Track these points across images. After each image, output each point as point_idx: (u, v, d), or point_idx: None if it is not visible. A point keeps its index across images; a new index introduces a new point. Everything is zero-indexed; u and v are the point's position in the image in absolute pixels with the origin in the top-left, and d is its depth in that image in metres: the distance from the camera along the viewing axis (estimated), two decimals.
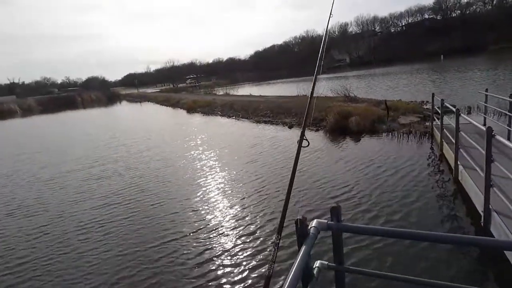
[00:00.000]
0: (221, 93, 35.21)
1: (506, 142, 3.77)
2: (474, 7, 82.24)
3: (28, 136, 21.03)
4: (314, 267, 1.44)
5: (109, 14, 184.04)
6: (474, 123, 4.83)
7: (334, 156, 8.33)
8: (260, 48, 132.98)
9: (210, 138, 12.63)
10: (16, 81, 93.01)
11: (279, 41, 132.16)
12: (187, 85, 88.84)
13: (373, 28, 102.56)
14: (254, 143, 10.84)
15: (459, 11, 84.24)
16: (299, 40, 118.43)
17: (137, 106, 42.41)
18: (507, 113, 6.81)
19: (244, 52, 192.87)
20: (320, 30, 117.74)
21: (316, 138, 10.52)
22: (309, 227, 1.43)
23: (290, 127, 12.87)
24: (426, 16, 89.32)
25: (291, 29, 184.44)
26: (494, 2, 77.54)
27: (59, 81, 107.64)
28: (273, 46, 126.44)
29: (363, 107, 12.07)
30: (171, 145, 12.35)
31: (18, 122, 35.90)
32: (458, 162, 5.71)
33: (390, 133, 9.83)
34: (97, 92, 68.61)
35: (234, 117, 17.51)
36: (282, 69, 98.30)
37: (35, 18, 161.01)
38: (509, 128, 6.72)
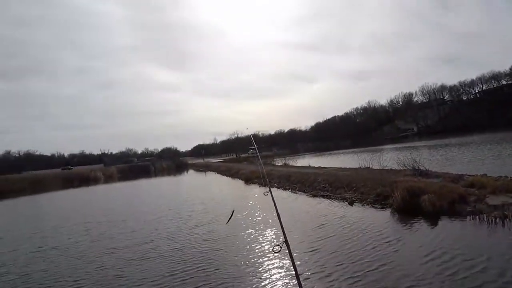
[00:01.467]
0: (280, 163, 35.36)
1: None
2: None
3: (88, 204, 23.09)
4: None
5: (186, 91, 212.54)
6: None
7: (409, 245, 6.84)
8: (321, 119, 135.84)
9: (265, 214, 12.04)
10: (105, 151, 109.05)
11: (340, 112, 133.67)
12: (249, 155, 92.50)
13: (441, 97, 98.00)
14: (311, 222, 9.88)
15: None
16: (361, 111, 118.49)
17: (201, 175, 44.85)
18: None
19: (305, 123, 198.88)
20: (382, 100, 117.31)
21: (381, 219, 9.18)
22: None
23: (350, 204, 11.66)
24: (504, 82, 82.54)
25: (352, 100, 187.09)
26: None
27: (139, 151, 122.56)
28: (334, 117, 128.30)
29: (438, 184, 10.46)
30: (222, 222, 12.06)
31: (98, 188, 40.39)
32: None
33: (477, 216, 8.05)
34: (167, 162, 75.59)
35: (290, 190, 16.87)
36: (343, 140, 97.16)
37: (129, 99, 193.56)
38: None
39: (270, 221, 10.59)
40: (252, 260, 7.04)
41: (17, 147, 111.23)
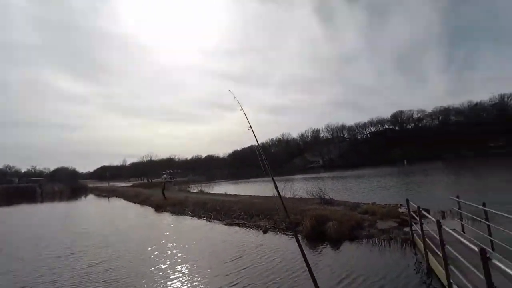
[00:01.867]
0: (195, 190, 34.29)
1: (503, 267, 3.32)
2: (424, 121, 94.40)
3: None
4: None
5: (96, 106, 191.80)
6: (463, 240, 4.45)
7: (319, 269, 7.30)
8: (239, 148, 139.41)
9: (177, 247, 11.24)
10: None
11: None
12: (162, 180, 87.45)
13: (342, 135, 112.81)
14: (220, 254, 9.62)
15: (412, 124, 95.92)
16: (276, 142, 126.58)
17: (104, 201, 39.87)
18: (485, 222, 6.60)
19: (223, 150, 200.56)
20: (294, 134, 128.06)
21: (293, 245, 9.56)
22: None
23: (265, 232, 11.90)
24: (386, 127, 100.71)
25: (270, 131, 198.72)
26: (440, 118, 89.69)
27: (23, 170, 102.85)
28: (251, 146, 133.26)
29: (341, 212, 11.63)
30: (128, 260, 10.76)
31: None
32: (451, 280, 5.15)
33: (371, 240, 9.17)
34: (61, 184, 65.02)
35: (205, 218, 16.33)
36: (259, 169, 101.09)
37: (19, 105, 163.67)
38: (491, 238, 6.42)
39: (182, 254, 9.91)
40: None
41: None
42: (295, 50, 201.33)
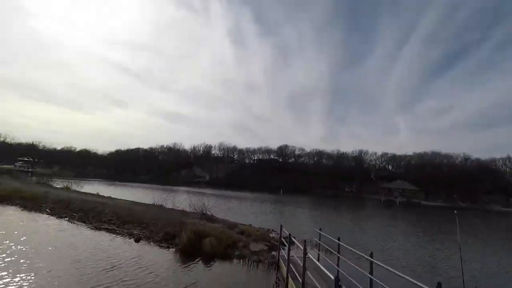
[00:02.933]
0: (59, 186, 29.23)
1: None
2: (303, 158, 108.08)
3: None
4: None
5: None
6: (322, 268, 5.29)
7: (180, 284, 7.27)
8: (123, 148, 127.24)
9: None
10: None
11: (146, 145, 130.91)
12: (15, 168, 71.74)
13: (232, 156, 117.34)
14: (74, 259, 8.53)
15: (293, 159, 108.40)
16: (165, 149, 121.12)
17: None
18: (336, 253, 8.05)
19: (103, 147, 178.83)
20: (187, 145, 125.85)
21: (165, 259, 9.27)
22: None
23: (137, 241, 11.12)
24: (272, 157, 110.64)
25: (160, 137, 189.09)
26: (315, 159, 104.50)
27: None
28: (137, 149, 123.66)
29: (219, 229, 12.00)
30: None
31: None
32: None
33: (241, 260, 9.75)
34: None
35: (67, 218, 14.08)
36: (143, 174, 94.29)
37: None
38: (338, 268, 7.77)
39: (34, 260, 8.30)
40: None
41: None
42: (203, 64, 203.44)
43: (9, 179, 31.23)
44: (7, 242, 9.48)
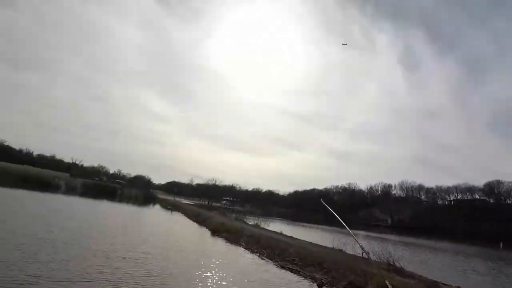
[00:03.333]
0: (251, 222, 33.92)
1: None
2: None
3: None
4: None
5: (176, 127, 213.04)
6: None
7: None
8: (300, 189, 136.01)
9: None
10: (76, 161, 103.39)
11: (320, 186, 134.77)
12: (221, 206, 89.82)
13: (418, 196, 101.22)
14: None
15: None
16: (340, 190, 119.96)
17: (167, 213, 42.32)
18: None
19: (284, 189, 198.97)
20: (362, 185, 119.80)
21: None
22: None
23: (319, 286, 10.73)
24: (477, 197, 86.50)
25: (334, 177, 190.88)
26: None
27: (111, 171, 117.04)
28: (313, 190, 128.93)
29: (414, 286, 9.85)
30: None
31: (55, 197, 37.25)
32: None
33: None
34: (136, 191, 71.78)
35: (257, 254, 15.70)
36: (318, 214, 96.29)
37: (117, 117, 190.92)
38: None
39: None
40: None
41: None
42: (371, 97, 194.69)
43: (217, 215, 39.23)
44: (220, 267, 11.35)
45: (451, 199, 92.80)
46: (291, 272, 12.53)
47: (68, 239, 12.42)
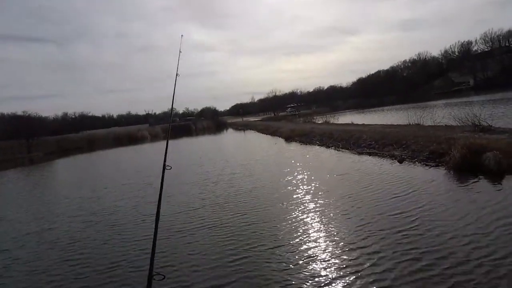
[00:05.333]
0: (320, 121, 34.49)
1: None
2: None
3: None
4: None
5: (223, 51, 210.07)
6: None
7: (466, 206, 6.42)
8: (364, 75, 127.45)
9: (307, 172, 12.02)
10: (150, 112, 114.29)
11: (386, 66, 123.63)
12: (287, 114, 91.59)
13: (507, 44, 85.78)
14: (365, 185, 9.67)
15: None
16: (409, 64, 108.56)
17: (240, 133, 45.58)
18: None
19: (346, 79, 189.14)
20: (435, 52, 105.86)
21: (437, 177, 8.66)
22: None
23: (400, 162, 11.13)
24: None
25: (399, 53, 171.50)
26: None
27: (181, 111, 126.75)
28: (378, 72, 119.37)
29: (505, 140, 9.48)
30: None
31: (146, 146, 43.18)
32: None
33: None
34: (207, 121, 77.66)
35: (333, 147, 16.52)
36: (388, 96, 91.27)
37: (167, 61, 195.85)
38: None
39: (316, 181, 10.53)
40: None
41: (72, 109, 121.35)
42: None
43: (285, 123, 40.66)
44: (301, 164, 12.56)
45: None
46: (369, 155, 13.08)
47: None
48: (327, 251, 5.07)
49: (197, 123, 76.70)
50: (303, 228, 6.24)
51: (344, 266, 4.48)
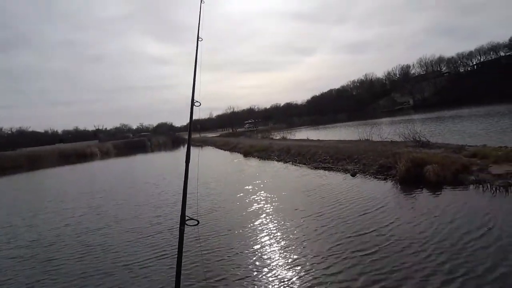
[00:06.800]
0: (278, 137, 35.33)
1: None
2: None
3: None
4: None
5: (180, 65, 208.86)
6: None
7: (412, 214, 6.95)
8: (317, 93, 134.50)
9: (264, 185, 12.12)
10: (100, 127, 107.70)
11: (337, 85, 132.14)
12: (245, 130, 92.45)
13: (438, 69, 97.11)
14: (319, 197, 9.97)
15: None
16: (357, 84, 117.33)
17: (198, 150, 44.76)
18: None
19: (301, 96, 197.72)
20: (379, 73, 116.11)
21: (385, 190, 9.28)
22: None
23: (353, 175, 11.75)
24: (502, 54, 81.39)
25: (349, 73, 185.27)
26: None
27: (134, 127, 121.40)
28: (330, 91, 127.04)
29: (441, 155, 10.53)
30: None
31: (95, 164, 40.28)
32: None
33: (481, 185, 8.15)
34: (163, 137, 75.19)
35: (291, 162, 16.94)
36: (340, 113, 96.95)
37: (121, 73, 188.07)
38: None
39: (275, 194, 10.64)
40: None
41: (8, 124, 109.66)
42: None
43: (244, 139, 40.94)
44: (259, 181, 12.61)
45: (474, 63, 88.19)
46: (324, 169, 13.63)
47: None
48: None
49: (152, 139, 73.79)
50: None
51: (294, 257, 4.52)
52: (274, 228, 7.05)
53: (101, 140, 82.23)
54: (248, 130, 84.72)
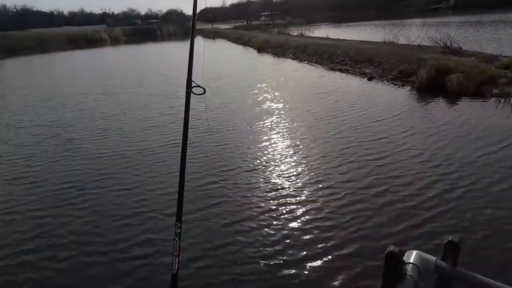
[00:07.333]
0: (295, 33, 32.64)
1: None
2: None
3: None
4: None
5: None
6: None
7: (426, 124, 6.66)
8: None
9: (279, 86, 11.83)
10: (107, 11, 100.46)
11: None
12: (261, 23, 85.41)
13: None
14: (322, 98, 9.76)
15: None
16: None
17: (211, 42, 42.49)
18: None
19: None
20: None
21: (402, 97, 8.97)
22: (405, 265, 1.11)
23: (369, 79, 11.25)
24: None
25: None
26: None
27: (142, 12, 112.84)
28: None
29: (470, 63, 9.72)
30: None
31: (107, 50, 39.27)
32: None
33: (502, 100, 7.76)
34: (174, 26, 70.52)
35: (306, 61, 16.12)
36: (366, 10, 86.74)
37: None
38: None
39: (286, 94, 10.47)
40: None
41: (11, 1, 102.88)
42: None
43: (259, 32, 38.17)
44: (271, 79, 12.30)
45: None
46: (341, 71, 13.01)
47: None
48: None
49: (162, 28, 69.43)
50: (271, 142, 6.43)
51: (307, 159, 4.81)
52: (284, 127, 7.15)
53: (109, 25, 77.80)
54: (264, 24, 78.26)
